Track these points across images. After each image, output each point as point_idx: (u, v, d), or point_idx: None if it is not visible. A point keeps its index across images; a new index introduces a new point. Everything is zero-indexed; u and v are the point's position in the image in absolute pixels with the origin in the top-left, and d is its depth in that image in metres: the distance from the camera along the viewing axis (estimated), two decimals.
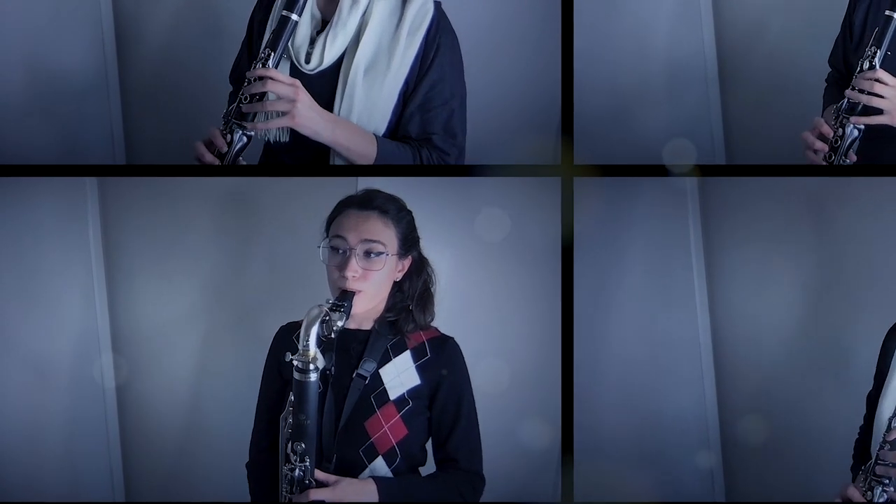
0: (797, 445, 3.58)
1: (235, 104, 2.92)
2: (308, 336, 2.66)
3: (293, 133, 2.94)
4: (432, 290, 2.95)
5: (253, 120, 2.91)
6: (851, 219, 3.49)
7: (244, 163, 2.95)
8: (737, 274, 3.60)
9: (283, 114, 2.89)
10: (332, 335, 2.72)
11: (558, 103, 3.21)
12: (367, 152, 2.97)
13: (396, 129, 3.02)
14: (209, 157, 2.91)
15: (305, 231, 2.95)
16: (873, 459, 2.76)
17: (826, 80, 3.21)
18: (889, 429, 2.75)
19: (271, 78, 2.88)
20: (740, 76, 3.72)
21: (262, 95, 2.89)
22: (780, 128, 3.59)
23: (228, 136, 2.91)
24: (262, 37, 3.00)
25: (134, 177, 3.62)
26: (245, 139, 2.93)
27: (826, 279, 3.53)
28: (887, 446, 2.74)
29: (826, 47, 3.20)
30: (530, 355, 3.49)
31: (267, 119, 2.91)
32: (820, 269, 3.53)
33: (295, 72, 2.99)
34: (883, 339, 2.91)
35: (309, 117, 2.90)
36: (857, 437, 2.97)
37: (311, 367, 2.66)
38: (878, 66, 2.87)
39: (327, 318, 2.69)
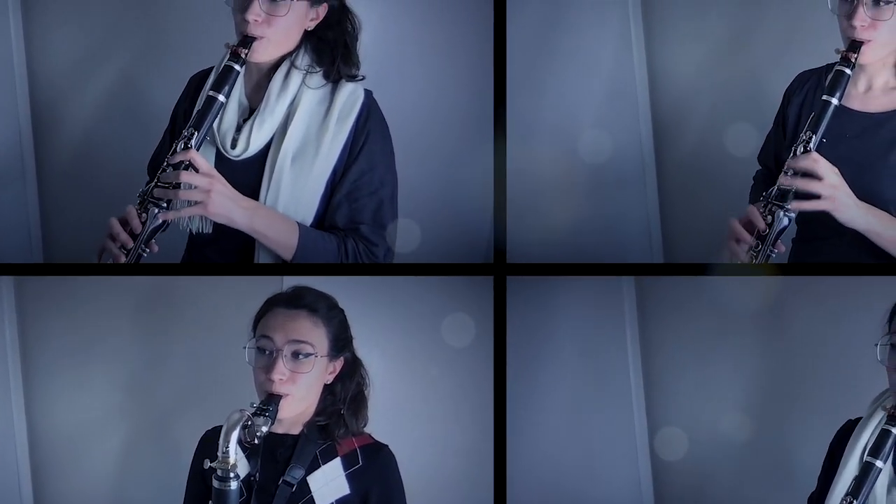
0: None
1: (153, 184, 2.86)
2: (228, 442, 2.59)
3: (217, 225, 2.89)
4: (366, 393, 2.88)
5: (168, 206, 2.85)
6: (792, 318, 3.48)
7: (157, 248, 2.87)
8: (675, 375, 3.60)
9: (198, 202, 2.84)
10: (256, 441, 2.64)
11: (490, 199, 3.16)
12: (287, 241, 2.91)
13: (324, 218, 2.97)
14: (123, 236, 2.84)
15: (230, 330, 2.91)
16: None
17: (753, 178, 3.19)
18: None
19: (192, 161, 2.83)
20: (678, 173, 3.73)
21: (178, 184, 2.84)
22: (718, 223, 3.57)
23: (143, 216, 2.85)
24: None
25: (52, 276, 3.56)
26: (160, 219, 2.85)
27: (768, 380, 3.52)
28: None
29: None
30: (462, 458, 3.44)
31: (179, 207, 2.85)
32: (762, 370, 3.52)
33: (220, 158, 2.94)
34: (831, 440, 2.87)
35: (223, 205, 2.84)
36: None
37: (231, 474, 2.60)
38: (812, 151, 2.84)
39: (249, 423, 2.62)
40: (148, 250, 2.85)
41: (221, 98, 2.89)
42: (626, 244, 3.72)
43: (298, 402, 2.74)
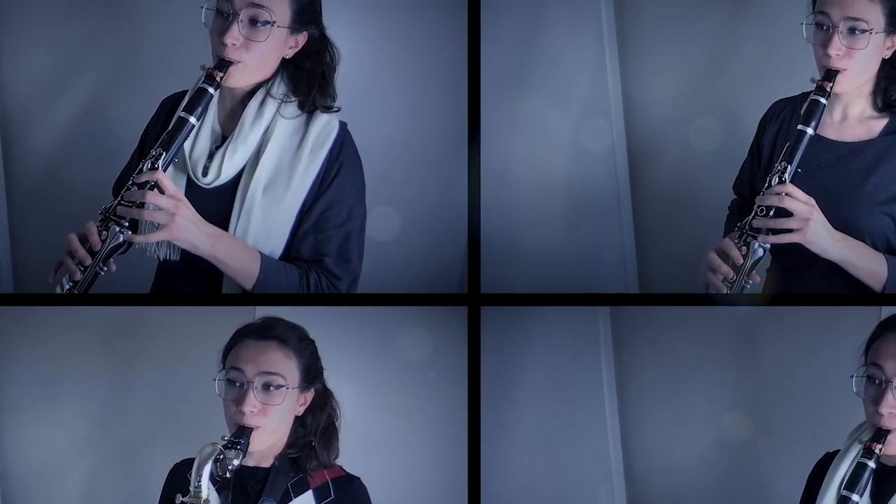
0: None
1: (116, 201, 2.81)
2: (199, 476, 2.56)
3: (184, 253, 2.84)
4: (337, 424, 2.84)
5: (129, 225, 2.79)
6: (768, 348, 3.48)
7: (115, 267, 2.81)
8: (651, 406, 3.59)
9: (162, 225, 2.77)
10: (228, 475, 2.60)
11: (465, 230, 3.14)
12: (248, 270, 2.85)
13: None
14: (81, 252, 2.77)
15: (200, 361, 2.85)
16: None
17: (729, 208, 3.17)
18: None
19: (158, 182, 2.77)
20: (653, 202, 3.72)
21: (142, 203, 2.77)
22: (694, 253, 3.56)
23: (104, 233, 2.78)
24: None
25: (22, 306, 3.53)
26: (121, 238, 2.79)
27: (745, 411, 3.50)
28: None
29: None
30: (435, 490, 3.42)
31: (145, 231, 2.80)
32: (738, 401, 3.51)
33: (191, 186, 2.89)
34: (809, 473, 2.85)
35: (187, 230, 2.78)
36: None
37: None
38: (787, 181, 2.82)
39: (221, 456, 2.58)
40: (106, 269, 2.79)
41: (193, 120, 2.83)
42: (602, 274, 3.72)
43: (270, 434, 2.70)
